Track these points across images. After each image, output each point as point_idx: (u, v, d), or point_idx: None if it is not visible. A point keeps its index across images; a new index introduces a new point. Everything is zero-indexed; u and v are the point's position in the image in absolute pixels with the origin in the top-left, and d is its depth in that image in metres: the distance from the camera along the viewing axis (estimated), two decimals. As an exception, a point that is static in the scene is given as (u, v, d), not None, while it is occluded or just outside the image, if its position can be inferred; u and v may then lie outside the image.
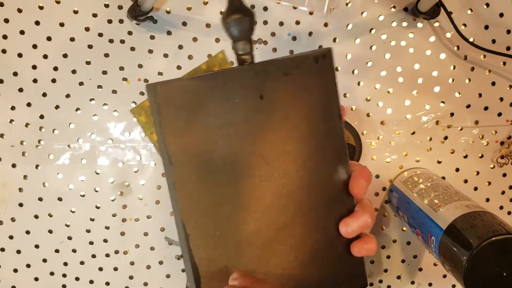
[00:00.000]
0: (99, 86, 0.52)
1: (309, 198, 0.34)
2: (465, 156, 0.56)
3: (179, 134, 0.31)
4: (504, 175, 0.57)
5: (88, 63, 0.52)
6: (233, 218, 0.32)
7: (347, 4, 0.53)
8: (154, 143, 0.41)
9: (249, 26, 0.32)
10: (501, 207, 0.57)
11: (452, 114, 0.55)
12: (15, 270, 0.54)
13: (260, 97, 0.33)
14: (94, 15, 0.52)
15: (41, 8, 0.51)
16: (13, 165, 0.53)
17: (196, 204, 0.32)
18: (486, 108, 0.55)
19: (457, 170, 0.56)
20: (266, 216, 0.33)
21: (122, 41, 0.52)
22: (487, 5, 0.54)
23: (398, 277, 0.57)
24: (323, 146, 0.34)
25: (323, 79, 0.34)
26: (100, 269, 0.55)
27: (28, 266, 0.54)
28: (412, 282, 0.57)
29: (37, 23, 0.51)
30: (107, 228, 0.54)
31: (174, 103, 0.31)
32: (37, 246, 0.54)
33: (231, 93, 0.32)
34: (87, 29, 0.52)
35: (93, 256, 0.55)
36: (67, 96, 0.52)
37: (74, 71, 0.52)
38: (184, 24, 0.52)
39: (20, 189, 0.53)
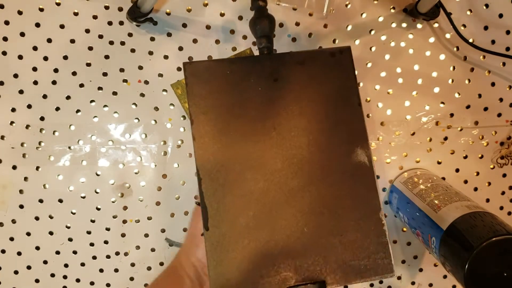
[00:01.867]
0: (100, 88, 0.53)
1: (322, 172, 0.37)
2: (465, 157, 0.56)
3: (200, 99, 0.38)
4: (504, 175, 0.57)
5: (88, 64, 0.52)
6: (243, 174, 0.37)
7: (346, 5, 0.53)
8: (186, 111, 0.51)
9: (268, 26, 0.41)
10: (501, 208, 0.57)
11: (452, 115, 0.55)
12: (16, 272, 0.54)
13: (274, 80, 0.39)
14: (94, 17, 0.52)
15: (41, 10, 0.51)
16: (14, 167, 0.53)
17: (210, 156, 0.37)
18: (485, 109, 0.56)
19: (457, 170, 0.56)
20: (276, 179, 0.37)
21: (122, 43, 0.52)
22: (487, 6, 0.54)
23: (399, 278, 0.57)
24: (340, 128, 0.38)
25: (341, 71, 0.40)
26: (101, 270, 0.55)
27: (28, 267, 0.54)
28: (413, 283, 0.57)
29: (38, 25, 0.51)
30: (107, 229, 0.54)
31: (198, 77, 0.39)
32: (37, 248, 0.54)
33: (248, 74, 0.39)
34: (87, 31, 0.52)
35: (94, 257, 0.55)
36: (68, 97, 0.52)
37: (74, 73, 0.52)
38: (184, 25, 0.52)
39: (21, 191, 0.53)
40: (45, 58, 0.52)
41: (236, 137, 0.38)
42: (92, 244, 0.54)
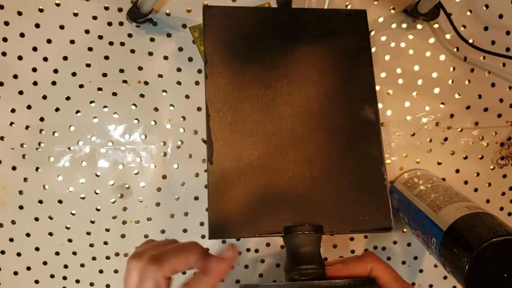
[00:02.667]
0: (99, 89, 0.53)
1: (328, 122, 0.39)
2: (465, 157, 0.56)
3: (216, 41, 0.39)
4: (504, 176, 0.57)
5: (88, 65, 0.52)
6: (252, 116, 0.38)
7: (346, 5, 0.53)
8: (201, 53, 0.50)
9: None
10: (501, 208, 0.57)
11: (452, 115, 0.55)
12: (16, 273, 0.54)
13: (289, 32, 0.40)
14: (94, 18, 0.52)
15: (41, 10, 0.51)
16: (13, 168, 0.53)
17: (220, 94, 0.38)
18: (486, 109, 0.55)
19: (457, 171, 0.56)
20: (283, 124, 0.38)
21: (122, 44, 0.52)
22: (487, 6, 0.54)
23: (399, 279, 0.57)
24: (349, 85, 0.39)
25: (355, 31, 0.41)
26: (101, 271, 0.55)
27: (28, 268, 0.54)
28: (413, 284, 0.57)
29: (37, 25, 0.51)
30: (107, 230, 0.54)
31: (216, 20, 0.40)
32: (37, 249, 0.54)
33: (265, 24, 0.40)
34: (87, 31, 0.52)
35: (94, 258, 0.54)
36: (67, 98, 0.52)
37: (74, 74, 0.52)
38: (184, 26, 0.52)
39: (20, 192, 0.53)
40: (45, 59, 0.52)
41: (248, 80, 0.39)
42: (91, 245, 0.54)
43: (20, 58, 0.51)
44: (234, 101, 0.38)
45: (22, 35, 0.51)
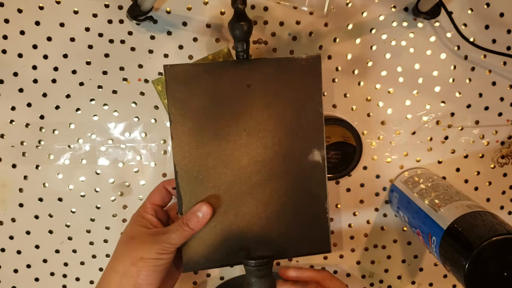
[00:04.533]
0: (99, 86, 0.52)
1: (282, 168, 0.44)
2: (466, 156, 0.56)
3: (178, 101, 0.43)
4: (505, 175, 0.57)
5: (88, 63, 0.52)
6: (215, 169, 0.44)
7: (347, 4, 0.53)
8: (165, 107, 0.53)
9: (247, 31, 0.42)
10: (502, 207, 0.57)
11: (452, 114, 0.55)
12: (16, 271, 0.54)
13: (247, 85, 0.44)
14: (94, 15, 0.52)
15: (41, 8, 0.51)
16: (13, 166, 0.53)
17: (186, 153, 0.43)
18: (486, 108, 0.55)
19: (458, 170, 0.56)
20: (242, 174, 0.44)
21: (122, 41, 0.52)
22: (488, 5, 0.54)
23: (399, 277, 0.57)
24: (302, 131, 0.44)
25: (309, 79, 0.44)
26: (101, 269, 0.55)
27: (28, 266, 0.54)
28: (413, 282, 0.57)
29: (37, 23, 0.51)
30: (107, 228, 0.54)
31: (177, 79, 0.43)
32: (37, 247, 0.54)
33: (223, 79, 0.43)
34: (87, 29, 0.52)
35: (94, 256, 0.55)
36: (67, 96, 0.52)
37: (74, 71, 0.52)
38: (184, 24, 0.52)
39: (20, 190, 0.53)
40: (45, 57, 0.52)
41: (210, 137, 0.43)
42: (91, 243, 0.54)
43: (20, 55, 0.51)
44: (198, 157, 0.43)
45: (22, 32, 0.51)
